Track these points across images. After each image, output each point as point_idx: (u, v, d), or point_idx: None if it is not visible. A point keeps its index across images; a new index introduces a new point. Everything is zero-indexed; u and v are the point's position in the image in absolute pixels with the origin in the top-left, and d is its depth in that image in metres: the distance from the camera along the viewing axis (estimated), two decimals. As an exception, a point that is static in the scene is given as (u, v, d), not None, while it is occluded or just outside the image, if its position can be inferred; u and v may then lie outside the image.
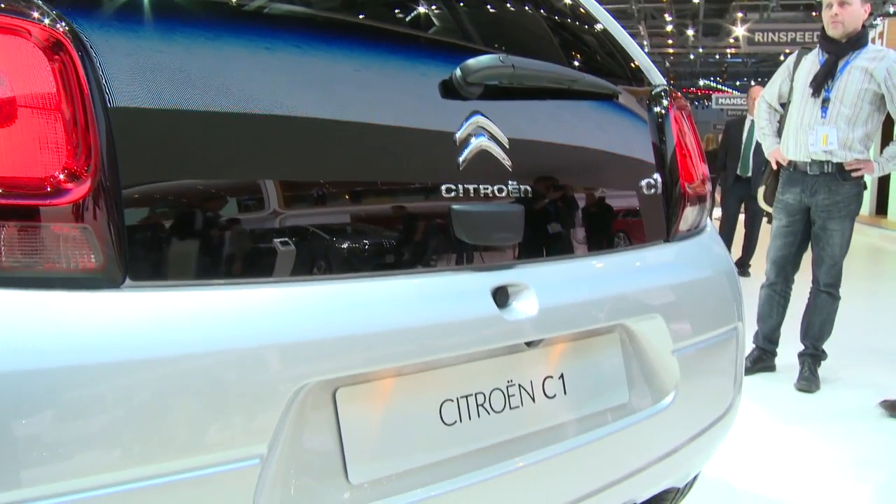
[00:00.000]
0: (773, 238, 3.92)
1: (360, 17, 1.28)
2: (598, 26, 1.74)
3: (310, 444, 1.05)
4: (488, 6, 1.58)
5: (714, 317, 1.67)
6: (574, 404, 1.37)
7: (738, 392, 1.77)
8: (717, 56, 31.58)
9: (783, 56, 16.51)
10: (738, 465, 2.83)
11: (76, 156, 0.88)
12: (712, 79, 37.67)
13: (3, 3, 0.87)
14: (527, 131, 1.35)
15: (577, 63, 1.64)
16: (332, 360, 1.03)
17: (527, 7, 1.67)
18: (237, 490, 0.95)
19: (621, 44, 1.74)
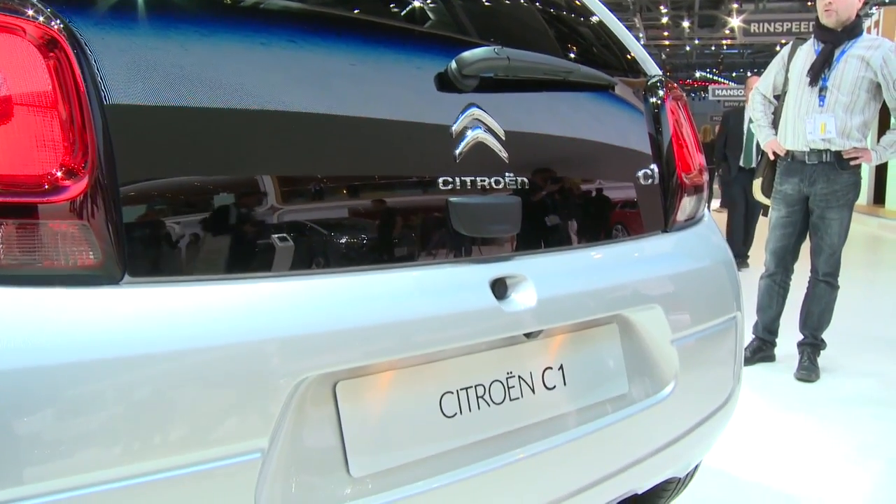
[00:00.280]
0: (772, 229, 3.93)
1: (355, 11, 1.28)
2: (594, 18, 1.74)
3: (311, 438, 1.05)
4: None
5: (713, 306, 1.67)
6: (574, 395, 1.38)
7: (737, 382, 1.78)
8: (713, 47, 31.60)
9: (779, 46, 16.50)
10: (739, 455, 2.83)
11: (73, 153, 0.88)
12: (709, 70, 37.67)
13: None
14: (523, 123, 1.35)
15: (572, 55, 1.64)
16: (331, 353, 1.03)
17: (522, -1, 1.67)
18: (239, 484, 0.96)
19: (616, 35, 1.74)
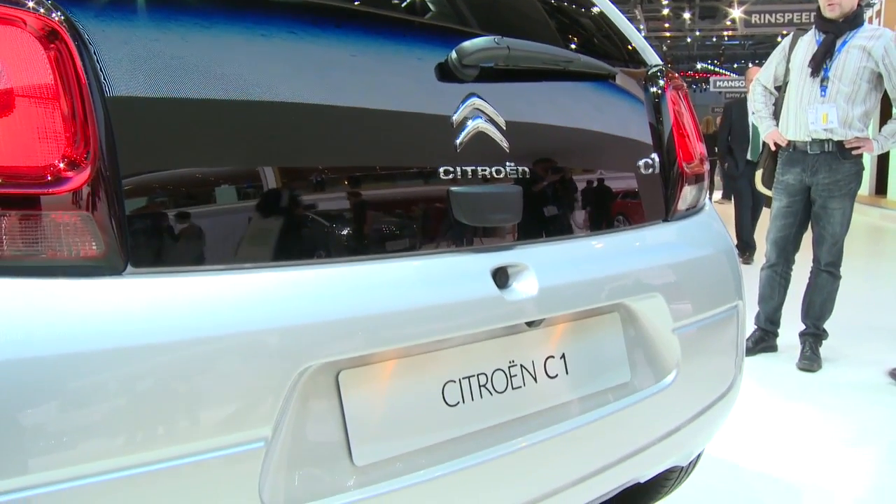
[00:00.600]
0: (774, 219, 3.93)
1: (356, 2, 1.28)
2: (594, 8, 1.74)
3: (314, 427, 1.06)
4: None
5: (714, 295, 1.67)
6: (576, 384, 1.38)
7: (739, 370, 1.78)
8: (714, 39, 31.50)
9: (780, 37, 16.44)
10: (741, 444, 2.84)
11: (75, 144, 0.88)
12: (710, 62, 37.57)
13: None
14: (524, 113, 1.35)
15: (573, 45, 1.64)
16: (333, 343, 1.04)
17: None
18: (243, 473, 0.96)
19: (617, 25, 1.74)
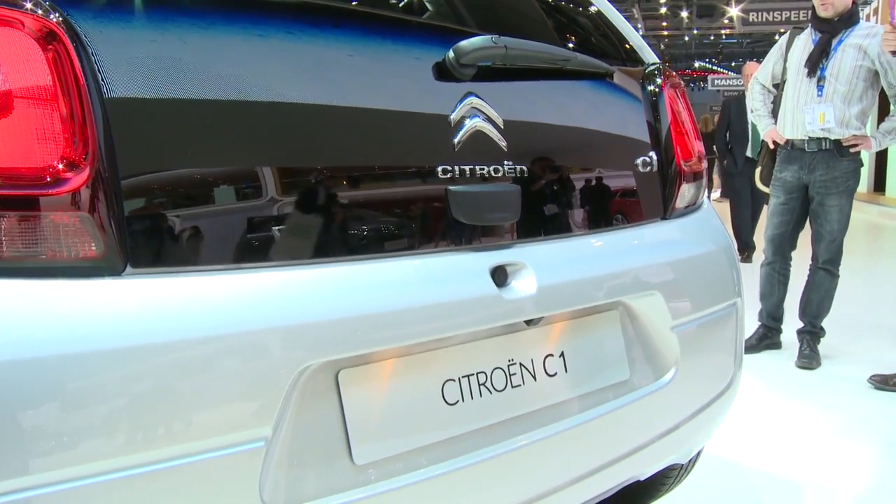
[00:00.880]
0: (771, 216, 3.93)
1: (353, 2, 1.29)
2: (591, 7, 1.74)
3: (314, 426, 1.06)
4: None
5: (713, 293, 1.67)
6: (575, 382, 1.38)
7: (738, 368, 1.78)
8: (712, 37, 31.51)
9: (778, 35, 16.48)
10: (741, 442, 2.84)
11: (74, 145, 0.88)
12: (708, 60, 37.59)
13: None
14: (521, 112, 1.36)
15: (570, 44, 1.64)
16: (332, 342, 1.04)
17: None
18: (243, 472, 0.96)
19: (614, 23, 1.74)
